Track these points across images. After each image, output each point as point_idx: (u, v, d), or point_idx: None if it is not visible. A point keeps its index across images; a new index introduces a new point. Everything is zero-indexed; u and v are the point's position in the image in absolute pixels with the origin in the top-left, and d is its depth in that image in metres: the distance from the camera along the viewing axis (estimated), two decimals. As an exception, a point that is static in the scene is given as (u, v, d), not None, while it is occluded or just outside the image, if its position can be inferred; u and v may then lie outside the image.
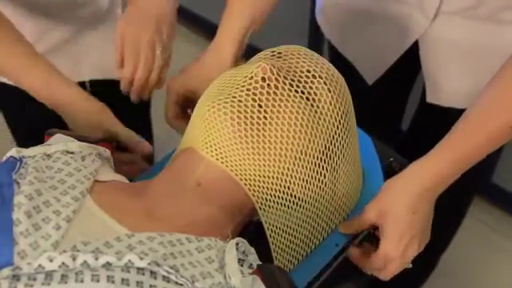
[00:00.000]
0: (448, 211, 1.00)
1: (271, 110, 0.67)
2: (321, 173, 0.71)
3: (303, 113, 0.67)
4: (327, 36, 1.19)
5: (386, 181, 0.77)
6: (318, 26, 1.20)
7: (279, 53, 0.73)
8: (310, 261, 0.75)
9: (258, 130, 0.66)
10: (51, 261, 0.52)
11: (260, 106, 0.67)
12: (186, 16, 2.12)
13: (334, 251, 0.77)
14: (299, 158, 0.68)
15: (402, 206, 0.73)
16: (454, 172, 0.74)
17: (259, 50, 0.76)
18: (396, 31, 1.05)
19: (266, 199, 0.69)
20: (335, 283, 0.80)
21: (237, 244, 0.60)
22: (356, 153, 0.77)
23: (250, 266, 0.60)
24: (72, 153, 0.68)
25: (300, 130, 0.67)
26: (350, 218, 0.79)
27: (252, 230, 0.74)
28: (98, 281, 0.50)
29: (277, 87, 0.67)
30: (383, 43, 1.09)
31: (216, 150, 0.68)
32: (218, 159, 0.68)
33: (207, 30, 2.11)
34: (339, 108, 0.70)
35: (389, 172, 0.86)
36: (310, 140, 0.68)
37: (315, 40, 1.75)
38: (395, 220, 0.73)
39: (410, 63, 1.10)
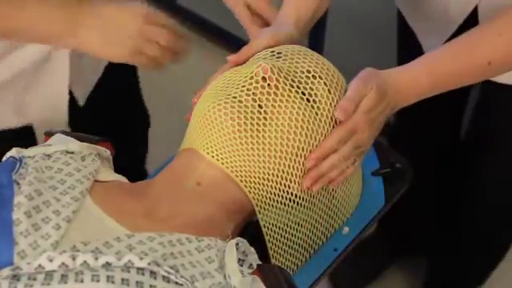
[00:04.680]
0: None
1: (271, 111, 0.67)
2: None
3: (303, 113, 0.68)
4: (396, 4, 1.16)
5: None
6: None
7: (279, 53, 0.73)
8: (308, 265, 0.75)
9: (257, 130, 0.66)
10: (51, 261, 0.52)
11: (260, 106, 0.67)
12: (187, 18, 2.12)
13: (333, 256, 0.76)
14: (299, 158, 0.68)
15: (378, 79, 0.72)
16: (427, 90, 0.76)
17: (259, 50, 0.76)
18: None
19: (265, 200, 0.69)
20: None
21: (237, 244, 0.60)
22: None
23: (250, 266, 0.60)
24: (72, 153, 0.68)
25: (300, 131, 0.67)
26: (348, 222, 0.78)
27: (252, 230, 0.74)
28: (97, 281, 0.50)
29: (277, 87, 0.67)
30: (443, 12, 1.04)
31: (216, 150, 0.68)
32: (218, 159, 0.68)
33: (209, 32, 2.12)
34: None
35: (393, 174, 0.85)
36: (309, 140, 0.68)
37: (316, 39, 1.75)
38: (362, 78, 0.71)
39: None
